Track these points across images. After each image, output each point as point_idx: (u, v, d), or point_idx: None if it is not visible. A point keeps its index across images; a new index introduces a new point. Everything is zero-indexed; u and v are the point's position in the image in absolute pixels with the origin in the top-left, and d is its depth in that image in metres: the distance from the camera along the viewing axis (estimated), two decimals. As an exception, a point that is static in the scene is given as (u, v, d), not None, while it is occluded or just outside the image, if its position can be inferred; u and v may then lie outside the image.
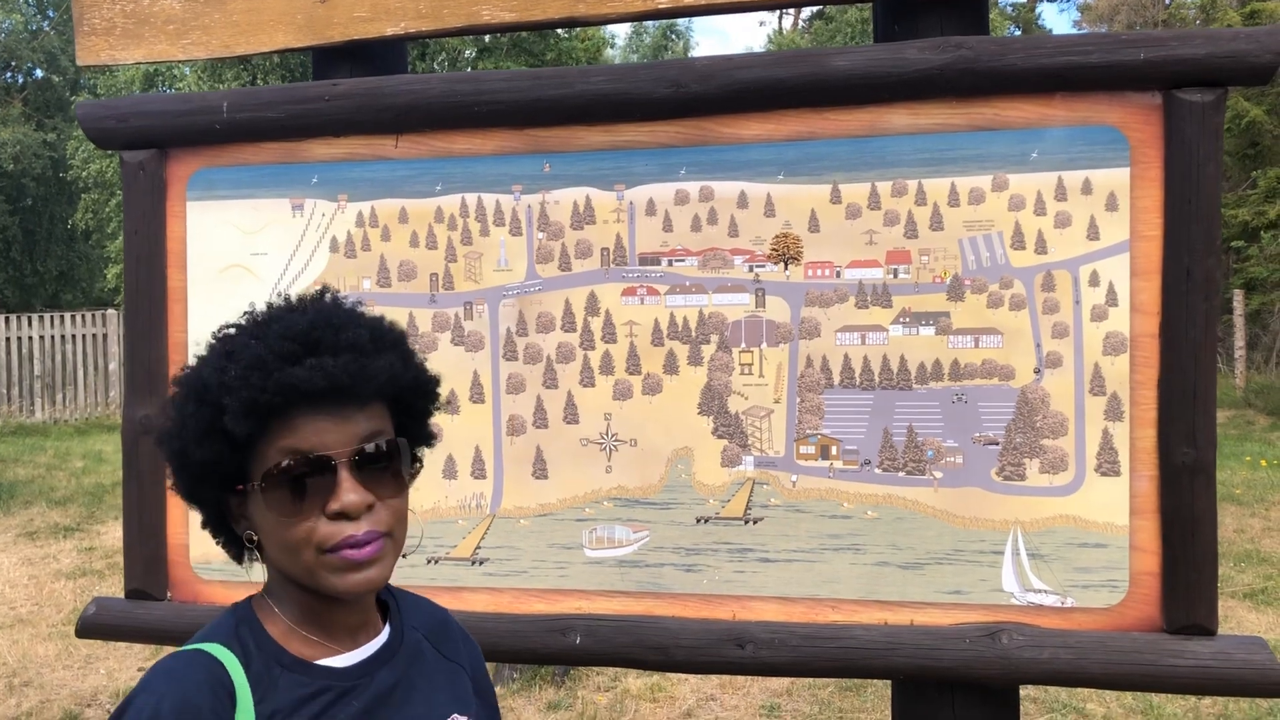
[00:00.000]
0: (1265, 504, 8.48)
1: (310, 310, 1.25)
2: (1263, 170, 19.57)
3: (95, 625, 2.72)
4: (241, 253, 2.69)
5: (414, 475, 1.31)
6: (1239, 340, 15.61)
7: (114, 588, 6.93)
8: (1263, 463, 9.99)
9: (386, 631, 1.34)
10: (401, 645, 1.34)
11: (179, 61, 2.77)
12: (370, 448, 1.22)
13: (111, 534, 8.44)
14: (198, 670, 1.18)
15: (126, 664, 5.72)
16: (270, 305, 1.28)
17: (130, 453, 2.72)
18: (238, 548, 1.30)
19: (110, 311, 15.89)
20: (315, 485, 1.18)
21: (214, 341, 1.26)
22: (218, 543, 1.32)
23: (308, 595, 1.25)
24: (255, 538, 1.24)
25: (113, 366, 15.53)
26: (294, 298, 1.30)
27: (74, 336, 15.46)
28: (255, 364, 1.17)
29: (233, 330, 1.26)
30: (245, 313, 1.28)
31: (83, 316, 15.76)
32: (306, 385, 1.16)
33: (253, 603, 1.29)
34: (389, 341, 1.27)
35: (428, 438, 1.37)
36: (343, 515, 1.18)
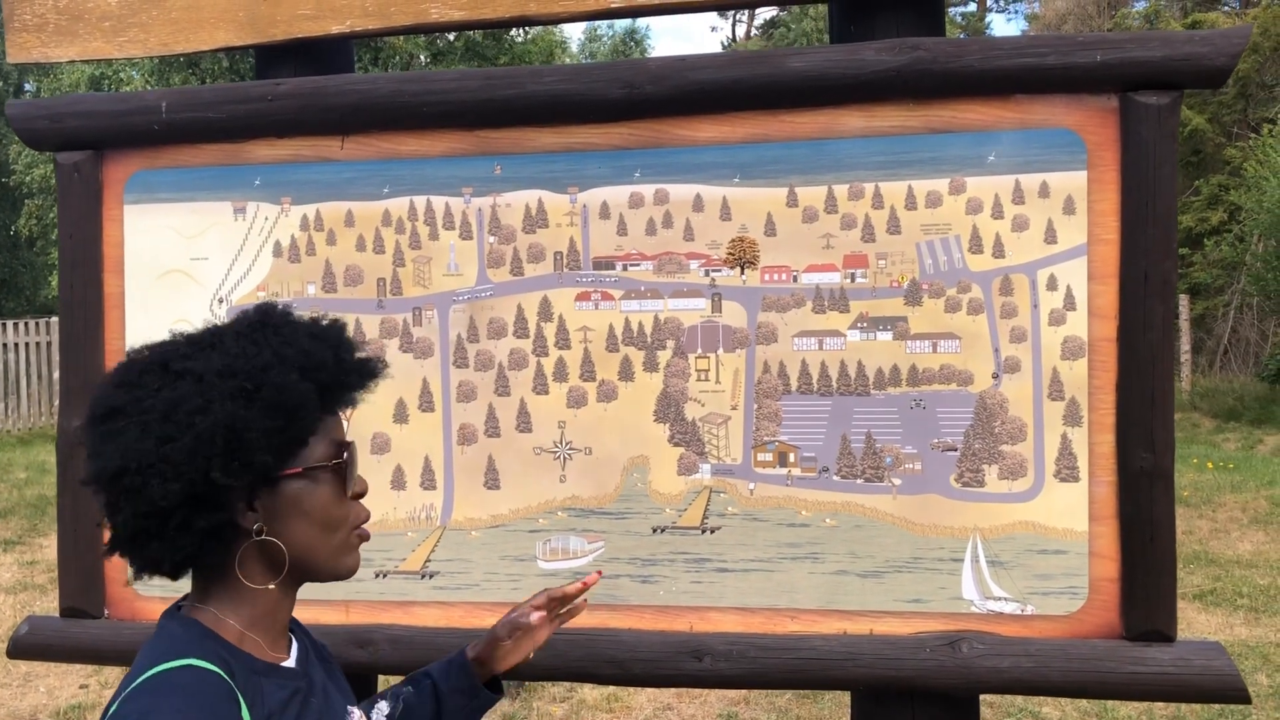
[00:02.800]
0: (1212, 505, 8.60)
1: (306, 326, 1.35)
2: (1205, 178, 19.95)
3: (28, 645, 2.61)
4: (181, 257, 2.60)
5: None
6: (1185, 344, 15.86)
7: (55, 602, 6.74)
8: (1209, 465, 10.14)
9: (294, 639, 1.40)
10: (310, 650, 1.42)
11: (115, 60, 2.68)
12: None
13: (54, 547, 8.22)
14: (208, 682, 1.17)
15: (67, 681, 5.56)
16: (268, 310, 1.35)
17: (66, 464, 2.62)
18: (210, 554, 1.25)
19: (55, 320, 15.53)
20: (351, 471, 1.33)
21: (252, 331, 1.29)
22: (173, 549, 1.23)
23: (276, 592, 1.30)
24: (264, 530, 1.26)
25: (57, 376, 15.19)
26: (273, 304, 1.38)
27: (18, 345, 15.09)
28: (348, 352, 1.33)
29: (272, 321, 1.31)
30: (252, 312, 1.33)
31: (26, 325, 15.40)
32: (379, 374, 1.37)
33: (195, 616, 1.27)
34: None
35: None
36: (360, 496, 1.36)
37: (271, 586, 1.29)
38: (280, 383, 1.22)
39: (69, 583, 2.61)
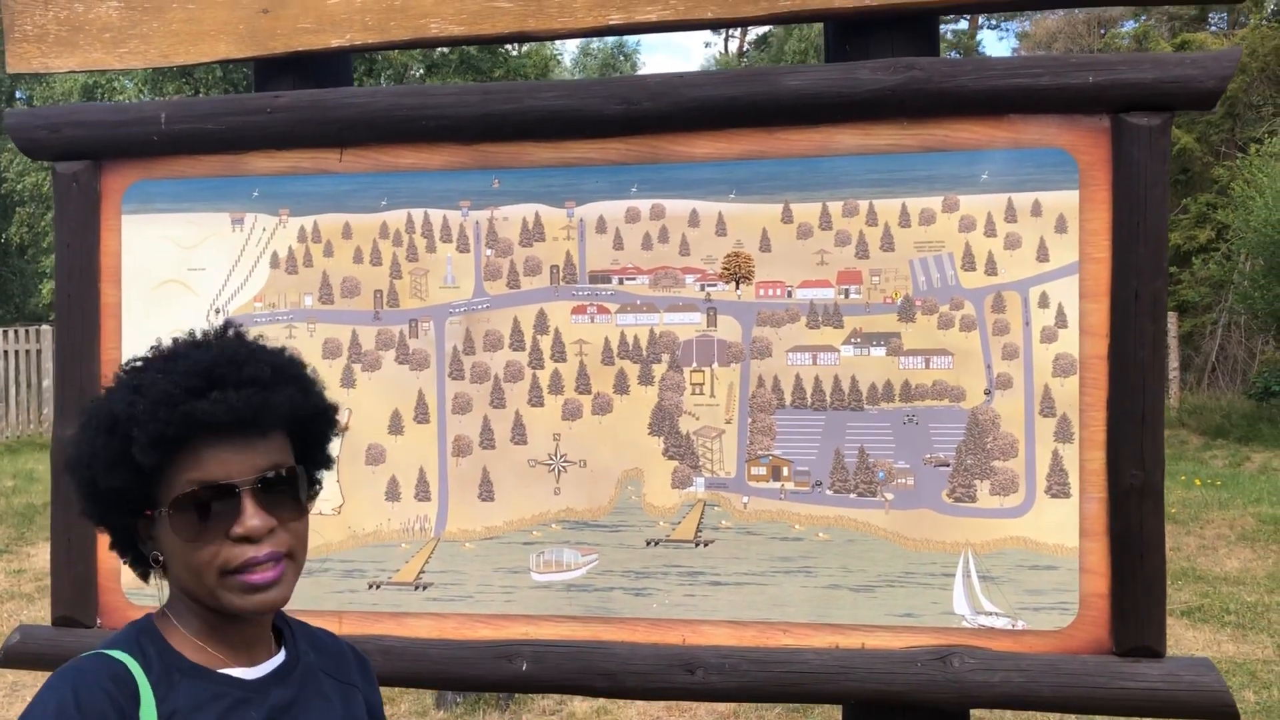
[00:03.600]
0: (1200, 522, 8.63)
1: (214, 346, 1.33)
2: (1193, 196, 20.08)
3: (20, 654, 2.61)
4: (178, 268, 2.61)
5: (313, 498, 1.41)
6: (1173, 361, 15.95)
7: (43, 611, 6.71)
8: (1196, 482, 10.19)
9: (283, 653, 1.41)
10: (298, 665, 1.41)
11: (115, 71, 2.69)
12: (271, 475, 1.29)
13: (42, 556, 8.19)
14: (102, 669, 1.24)
15: (54, 692, 5.53)
16: (176, 341, 1.36)
17: (60, 473, 2.62)
18: (144, 566, 1.36)
19: (45, 328, 15.47)
20: (219, 511, 1.26)
21: (123, 375, 1.32)
22: (125, 561, 1.39)
23: (209, 612, 1.32)
24: (161, 558, 1.31)
25: (46, 384, 15.11)
26: (199, 334, 1.37)
27: (6, 353, 15.03)
28: (162, 398, 1.24)
29: (140, 364, 1.32)
30: (151, 348, 1.35)
31: (16, 332, 15.34)
32: (210, 418, 1.24)
33: (153, 618, 1.35)
34: (289, 375, 1.35)
35: (327, 461, 1.46)
36: (245, 539, 1.27)
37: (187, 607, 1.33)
38: (82, 438, 1.29)
39: (62, 591, 2.61)
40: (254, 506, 1.27)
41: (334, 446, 1.48)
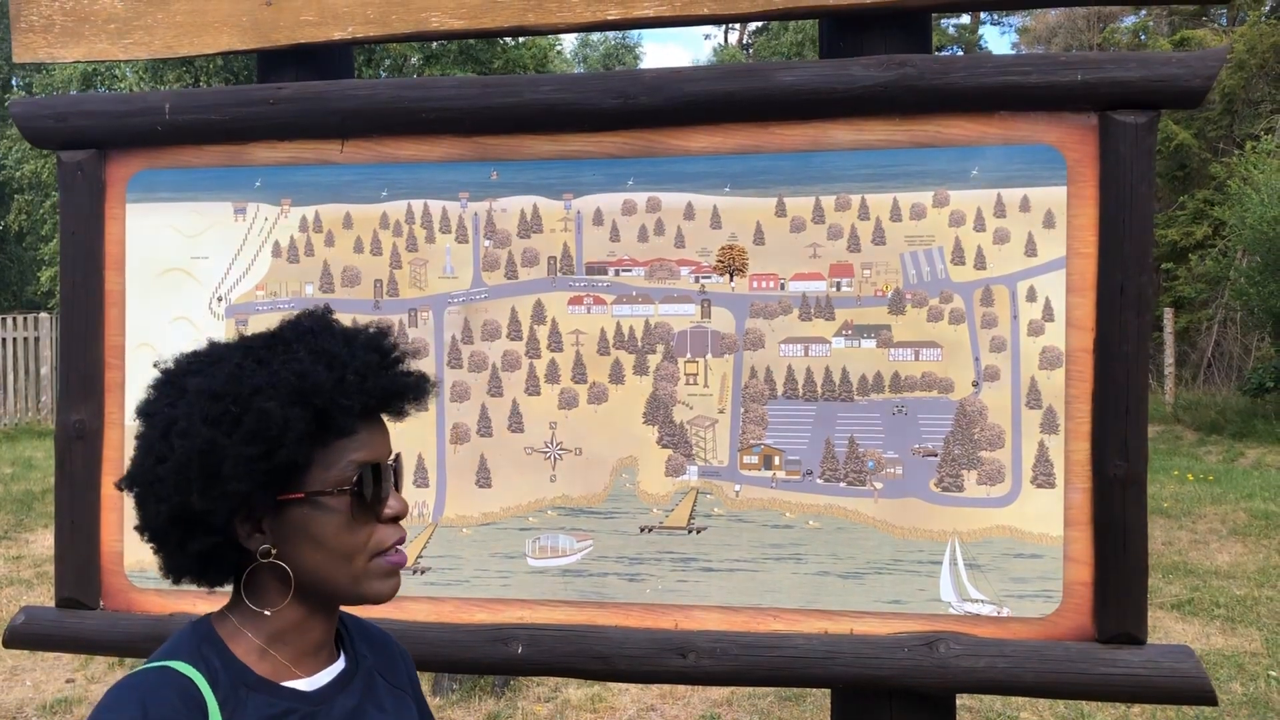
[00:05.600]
0: (1192, 517, 8.70)
1: (357, 327, 1.32)
2: (1190, 193, 20.11)
3: (24, 635, 2.66)
4: (182, 256, 2.65)
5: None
6: (1169, 357, 16.01)
7: (42, 597, 6.76)
8: (1189, 477, 10.25)
9: (343, 659, 1.35)
10: (358, 672, 1.36)
11: (120, 61, 2.73)
12: (399, 454, 1.32)
13: (41, 542, 8.24)
14: (169, 687, 1.17)
15: (54, 675, 5.58)
16: (306, 320, 1.30)
17: (64, 457, 2.66)
18: (220, 570, 1.27)
19: (43, 315, 15.51)
20: (375, 492, 1.25)
21: (263, 348, 1.25)
22: (175, 574, 1.26)
23: (297, 613, 1.26)
24: (272, 552, 1.23)
25: (45, 371, 15.17)
26: (304, 318, 1.30)
27: (5, 340, 15.06)
28: (366, 370, 1.24)
29: (287, 336, 1.26)
30: (285, 324, 1.29)
31: (14, 320, 15.37)
32: (409, 390, 1.28)
33: (213, 621, 1.28)
34: None
35: None
36: (394, 519, 1.28)
37: (268, 612, 1.25)
38: (262, 409, 1.17)
39: (65, 574, 2.65)
40: (394, 487, 1.29)
41: None
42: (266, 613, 1.26)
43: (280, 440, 1.17)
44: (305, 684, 1.28)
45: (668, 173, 2.46)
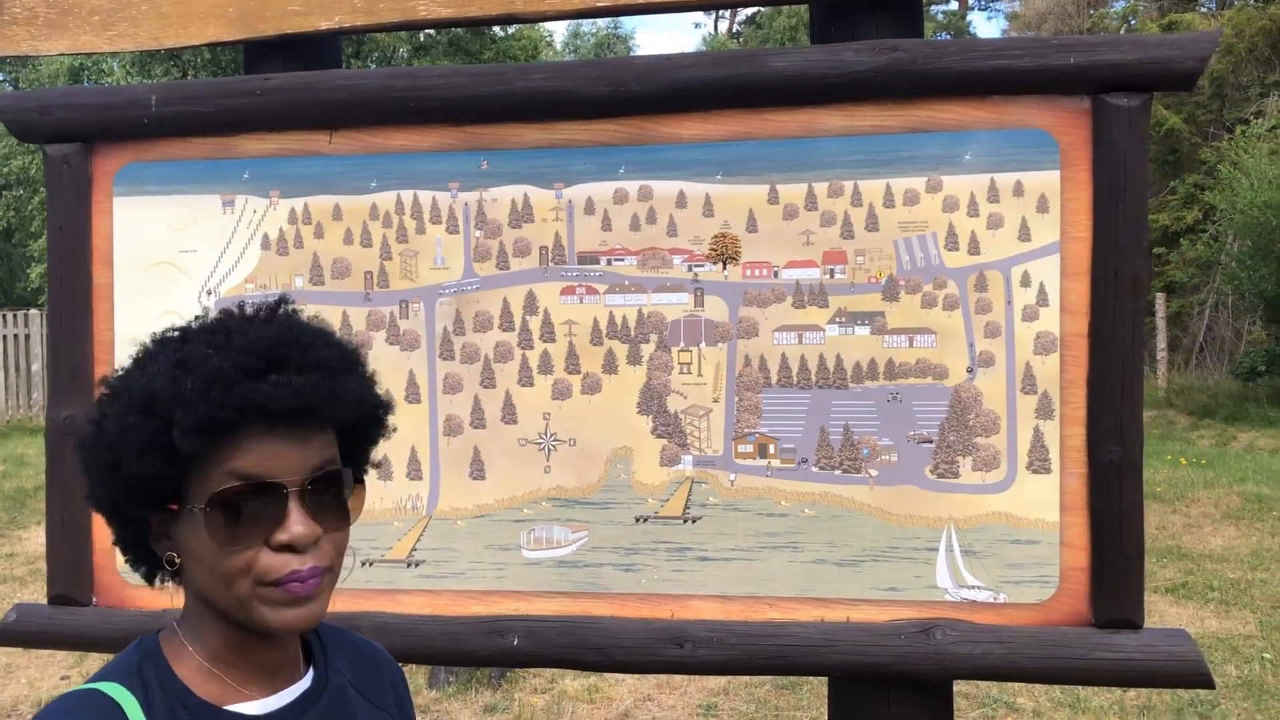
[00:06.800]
0: (1186, 501, 8.72)
1: (275, 323, 1.16)
2: (1181, 178, 20.14)
3: (16, 632, 2.64)
4: (170, 250, 2.63)
5: (357, 506, 1.22)
6: (1161, 342, 16.04)
7: (35, 595, 6.74)
8: (1183, 461, 10.28)
9: (309, 676, 1.24)
10: (325, 692, 1.24)
11: (104, 53, 2.70)
12: (321, 475, 1.14)
13: (33, 540, 8.21)
14: (88, 713, 1.08)
15: (49, 673, 5.57)
16: (225, 313, 1.18)
17: (54, 454, 2.64)
18: (151, 567, 1.21)
19: (33, 312, 15.44)
20: (261, 513, 1.10)
21: (156, 347, 1.15)
22: (127, 560, 1.21)
23: (230, 628, 1.15)
24: (176, 560, 1.14)
25: (35, 368, 15.10)
26: (249, 307, 1.18)
27: (-6, 337, 15.01)
28: (214, 377, 1.07)
29: (179, 335, 1.15)
30: (197, 317, 1.18)
31: (4, 316, 15.30)
32: (271, 402, 1.08)
33: (160, 638, 1.19)
34: (354, 362, 1.20)
35: (368, 465, 1.29)
36: (289, 548, 1.10)
37: (200, 628, 1.18)
38: (110, 415, 1.11)
39: (57, 571, 2.63)
40: (300, 511, 1.11)
41: (378, 451, 1.30)
42: (199, 626, 1.17)
43: (121, 450, 1.09)
44: (256, 707, 1.17)
45: (659, 160, 2.44)
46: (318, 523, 1.12)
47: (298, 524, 1.10)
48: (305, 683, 1.23)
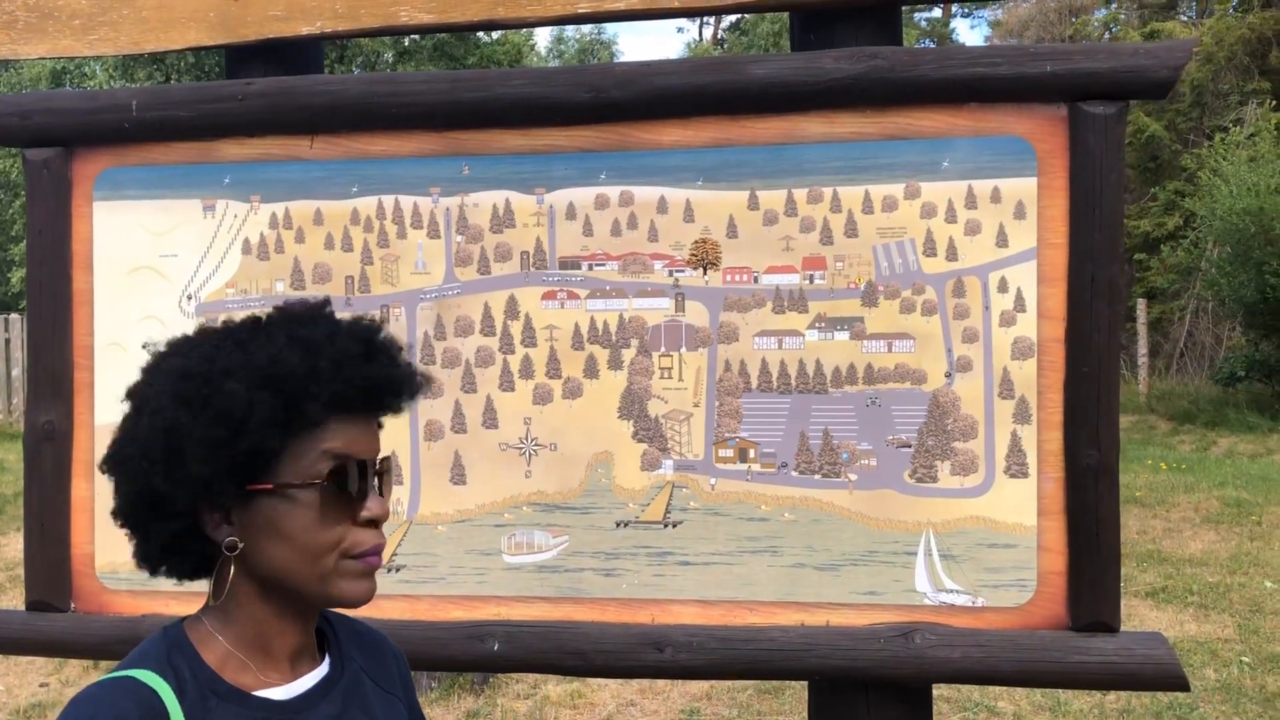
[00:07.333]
0: (1166, 506, 8.78)
1: (350, 318, 1.27)
2: (1162, 184, 20.28)
3: (-6, 639, 2.63)
4: (150, 254, 2.62)
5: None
6: (1142, 347, 16.14)
7: (14, 600, 6.69)
8: (1163, 466, 10.34)
9: (326, 663, 1.30)
10: (341, 678, 1.29)
11: (85, 57, 2.69)
12: (386, 458, 1.25)
13: (11, 546, 8.15)
14: (129, 698, 1.11)
15: (27, 679, 5.53)
16: (284, 309, 1.24)
17: (33, 458, 2.63)
18: (193, 563, 1.23)
19: (14, 316, 15.33)
20: (353, 490, 1.19)
21: (245, 332, 1.20)
22: (155, 566, 1.22)
23: (270, 613, 1.21)
24: (239, 545, 1.18)
25: (16, 372, 15.00)
26: (300, 304, 1.25)
27: (-26, 342, 14.90)
28: (343, 357, 1.17)
29: (266, 320, 1.22)
30: (275, 308, 1.25)
31: (-17, 321, 15.20)
32: (390, 384, 1.21)
33: (186, 626, 1.23)
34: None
35: None
36: (371, 523, 1.21)
37: (238, 612, 1.22)
38: (228, 390, 1.13)
39: (35, 576, 2.62)
40: (377, 490, 1.23)
41: None
42: (236, 614, 1.21)
43: (244, 424, 1.12)
44: (281, 692, 1.21)
45: (640, 166, 2.45)
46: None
47: (379, 502, 1.22)
48: (323, 669, 1.28)
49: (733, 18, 35.46)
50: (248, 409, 1.12)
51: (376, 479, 1.23)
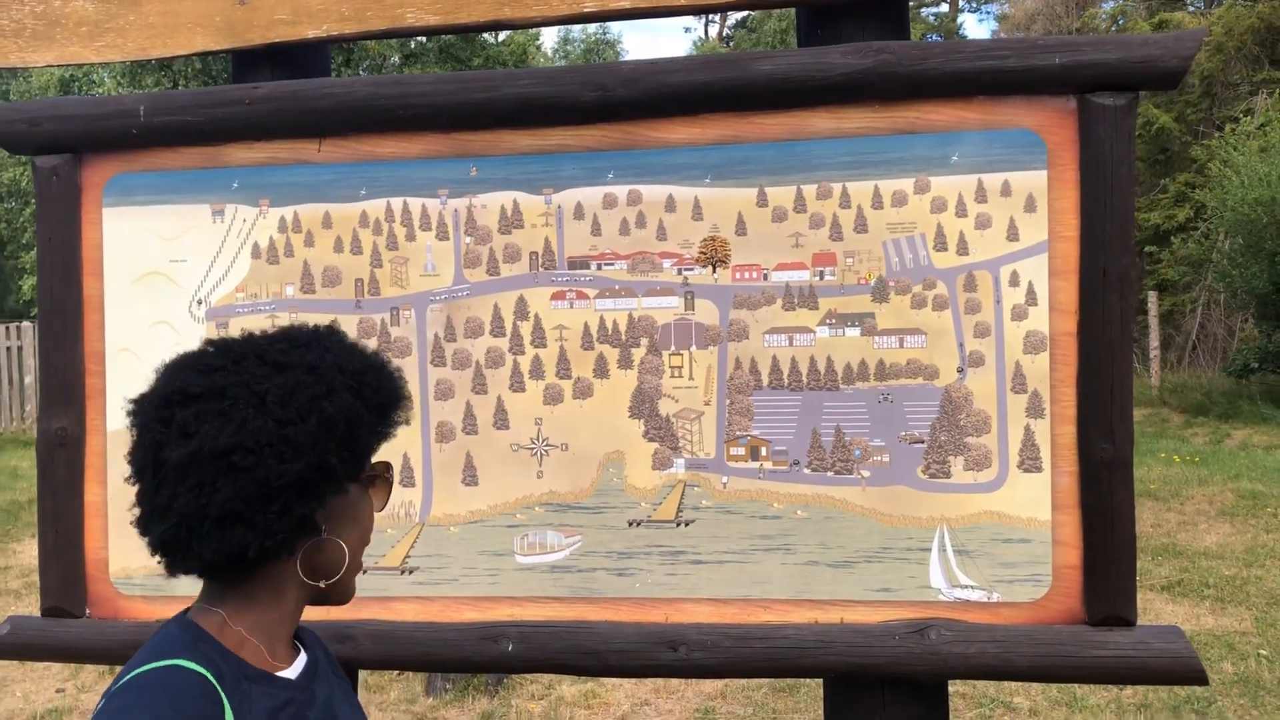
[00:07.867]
0: (1180, 499, 8.73)
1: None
2: (1172, 176, 20.19)
3: (10, 645, 2.63)
4: (160, 259, 2.63)
5: None
6: (1154, 340, 16.06)
7: (30, 607, 6.71)
8: (1176, 459, 10.29)
9: (303, 652, 1.40)
10: (318, 662, 1.41)
11: (93, 64, 2.70)
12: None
13: (27, 553, 8.19)
14: (190, 683, 1.16)
15: (44, 686, 5.55)
16: (320, 329, 1.39)
17: (46, 465, 2.64)
18: (290, 539, 1.25)
19: (26, 324, 15.40)
20: (391, 483, 1.46)
21: (302, 346, 1.32)
22: (262, 535, 1.21)
23: (298, 601, 1.32)
24: (324, 530, 1.31)
25: (29, 380, 15.06)
26: (313, 327, 1.39)
27: (-13, 349, 14.96)
28: (398, 374, 1.42)
29: (320, 338, 1.35)
30: (296, 327, 1.38)
31: (-4, 329, 15.27)
32: (409, 404, 1.45)
33: (194, 619, 1.27)
34: None
35: None
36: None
37: (276, 601, 1.30)
38: (377, 384, 1.33)
39: (51, 582, 2.63)
40: None
41: None
42: (265, 600, 1.28)
43: (393, 412, 1.35)
44: (288, 674, 1.31)
45: (648, 165, 2.45)
46: None
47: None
48: (304, 654, 1.39)
49: (739, 15, 35.43)
50: (394, 398, 1.36)
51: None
